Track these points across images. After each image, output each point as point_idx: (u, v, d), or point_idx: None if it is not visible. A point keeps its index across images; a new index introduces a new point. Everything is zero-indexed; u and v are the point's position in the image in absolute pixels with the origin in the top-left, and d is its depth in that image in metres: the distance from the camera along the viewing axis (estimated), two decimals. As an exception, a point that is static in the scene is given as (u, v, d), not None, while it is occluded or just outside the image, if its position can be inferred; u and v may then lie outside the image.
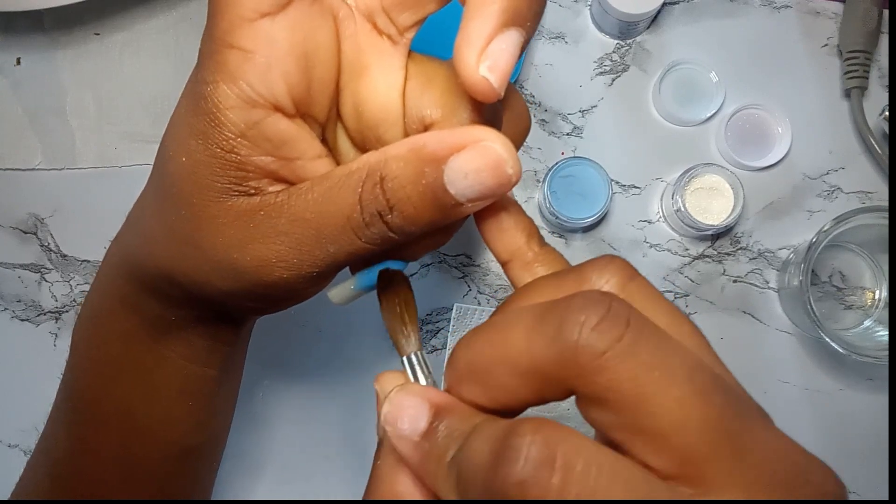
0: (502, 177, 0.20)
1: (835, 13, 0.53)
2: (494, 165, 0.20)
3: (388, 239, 0.22)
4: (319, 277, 0.23)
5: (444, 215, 0.21)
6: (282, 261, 0.22)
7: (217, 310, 0.27)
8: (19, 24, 0.53)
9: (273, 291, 0.24)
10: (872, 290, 0.52)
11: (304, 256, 0.22)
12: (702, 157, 0.52)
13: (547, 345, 0.17)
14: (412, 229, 0.22)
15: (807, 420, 0.52)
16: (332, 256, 0.22)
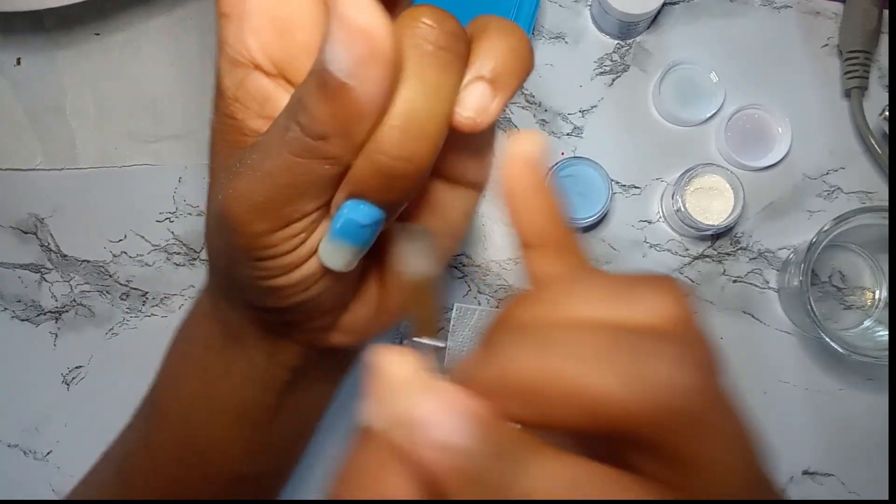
0: (362, 38, 0.19)
1: (835, 13, 0.53)
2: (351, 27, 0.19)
3: (308, 147, 0.21)
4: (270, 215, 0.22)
5: (337, 103, 0.20)
6: (236, 189, 0.22)
7: (268, 319, 0.26)
8: (19, 24, 0.53)
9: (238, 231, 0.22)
10: (872, 289, 0.52)
11: (248, 181, 0.22)
12: (702, 157, 0.52)
13: (627, 387, 0.16)
14: (318, 127, 0.20)
15: (807, 420, 0.52)
16: (268, 177, 0.21)
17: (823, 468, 0.51)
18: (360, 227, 0.22)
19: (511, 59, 0.22)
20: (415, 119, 0.20)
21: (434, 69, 0.20)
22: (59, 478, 0.52)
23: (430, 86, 0.20)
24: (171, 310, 0.53)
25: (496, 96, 0.21)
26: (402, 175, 0.21)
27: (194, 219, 0.53)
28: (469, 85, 0.21)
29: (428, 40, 0.20)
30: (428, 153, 0.21)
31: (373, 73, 0.19)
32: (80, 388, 0.53)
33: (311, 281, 0.24)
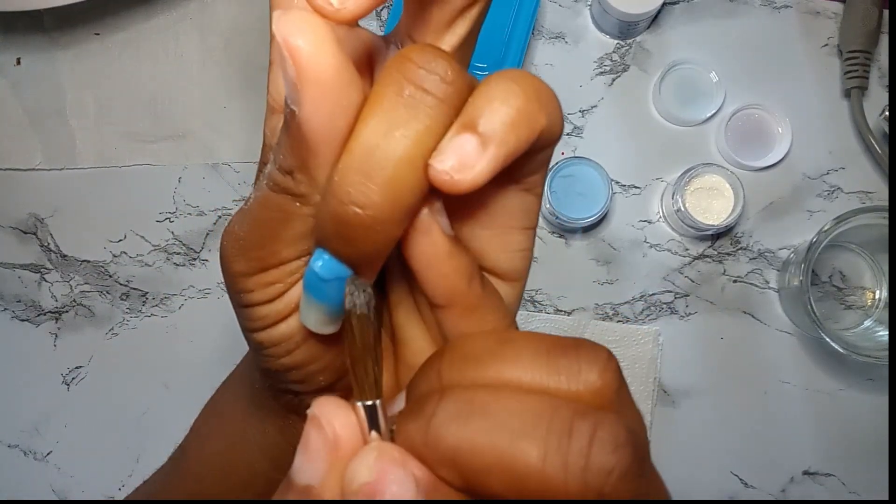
0: (292, 59, 0.17)
1: (835, 13, 0.53)
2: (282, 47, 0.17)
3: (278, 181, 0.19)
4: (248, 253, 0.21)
5: (291, 133, 0.18)
6: (228, 224, 0.21)
7: (276, 388, 0.25)
8: (19, 24, 0.53)
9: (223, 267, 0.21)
10: (872, 289, 0.52)
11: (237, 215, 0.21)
12: (702, 157, 0.52)
13: (555, 465, 0.16)
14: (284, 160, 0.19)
15: (807, 420, 0.52)
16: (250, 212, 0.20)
17: (823, 468, 0.51)
18: (321, 280, 0.19)
19: (510, 111, 0.18)
20: (371, 160, 0.17)
21: (407, 109, 0.18)
22: (59, 478, 0.52)
23: (397, 126, 0.17)
24: (170, 310, 0.53)
25: (485, 153, 0.18)
26: (356, 225, 0.18)
27: (194, 219, 0.53)
28: (455, 135, 0.18)
29: (408, 79, 0.18)
30: (388, 202, 0.18)
31: (309, 97, 0.17)
32: (80, 389, 0.53)
33: (292, 343, 0.22)
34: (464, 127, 0.18)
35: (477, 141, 0.18)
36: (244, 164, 0.53)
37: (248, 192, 0.22)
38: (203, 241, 0.53)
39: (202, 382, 0.52)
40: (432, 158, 0.18)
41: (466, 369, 0.18)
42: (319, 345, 0.22)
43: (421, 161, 0.18)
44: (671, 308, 0.52)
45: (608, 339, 0.51)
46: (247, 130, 0.54)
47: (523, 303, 0.52)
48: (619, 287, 0.52)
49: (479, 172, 0.18)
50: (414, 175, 0.18)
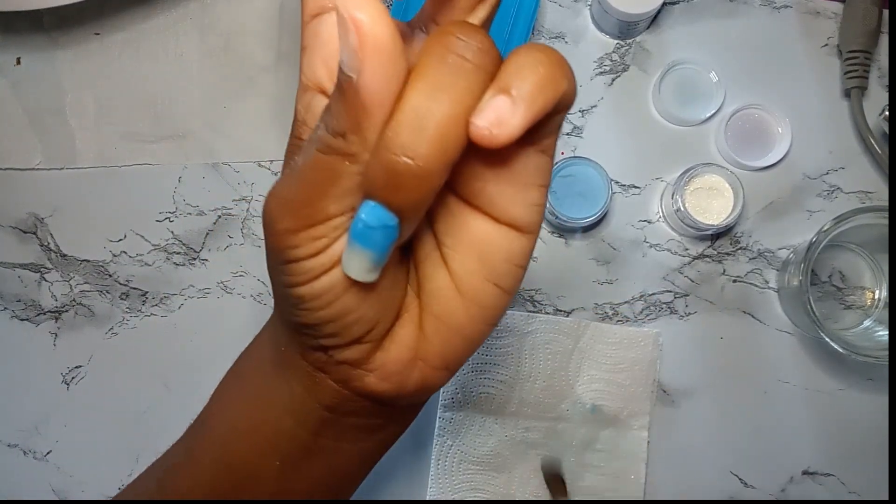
0: (355, 30, 0.20)
1: (835, 13, 0.53)
2: (345, 20, 0.20)
3: (330, 143, 0.22)
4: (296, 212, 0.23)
5: (347, 98, 0.21)
6: (273, 186, 0.23)
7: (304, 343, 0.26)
8: (19, 24, 0.53)
9: (268, 227, 0.23)
10: (872, 289, 0.52)
11: (283, 178, 0.23)
12: (702, 157, 0.52)
13: None
14: (336, 123, 0.21)
15: (807, 420, 0.52)
16: (299, 173, 0.22)
17: (823, 468, 0.51)
18: (370, 229, 0.22)
19: (538, 76, 0.21)
20: (421, 117, 0.20)
21: (450, 74, 0.20)
22: (59, 478, 0.52)
23: (443, 89, 0.20)
24: (170, 309, 0.53)
25: (517, 110, 0.21)
26: (407, 174, 0.20)
27: (194, 218, 0.53)
28: (490, 97, 0.21)
29: (451, 50, 0.21)
30: (435, 154, 0.20)
31: (369, 63, 0.20)
32: (80, 388, 0.53)
33: (333, 294, 0.24)
34: (499, 90, 0.21)
35: (510, 101, 0.21)
36: (244, 163, 0.53)
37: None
38: (203, 241, 0.53)
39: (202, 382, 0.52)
40: (473, 116, 0.21)
41: None
42: (357, 295, 0.24)
43: (463, 118, 0.21)
44: (671, 308, 0.52)
45: (608, 341, 0.51)
46: (247, 130, 0.54)
47: (522, 302, 0.52)
48: (618, 287, 0.52)
49: (514, 128, 0.21)
50: (457, 130, 0.21)
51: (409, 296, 0.26)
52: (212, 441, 0.30)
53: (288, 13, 0.54)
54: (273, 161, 0.53)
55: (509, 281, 0.25)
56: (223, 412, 0.31)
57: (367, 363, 0.26)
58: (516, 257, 0.25)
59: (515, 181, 0.24)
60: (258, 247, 0.53)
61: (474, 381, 0.51)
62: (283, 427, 0.28)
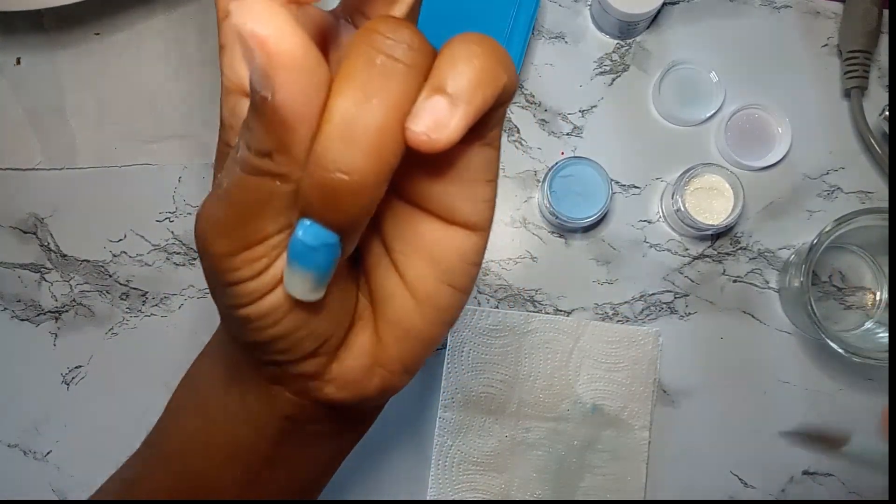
0: (257, 46, 0.18)
1: (835, 13, 0.53)
2: (245, 37, 0.18)
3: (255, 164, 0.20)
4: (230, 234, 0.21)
5: (266, 117, 0.19)
6: (202, 208, 0.22)
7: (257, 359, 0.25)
8: (19, 24, 0.53)
9: (203, 251, 0.22)
10: (873, 291, 0.52)
11: (211, 200, 0.21)
12: (702, 157, 0.52)
13: None
14: (258, 144, 0.20)
15: (807, 420, 0.52)
16: (226, 195, 0.21)
17: (823, 468, 0.51)
18: (308, 249, 0.20)
19: (475, 71, 0.20)
20: (352, 128, 0.19)
21: (380, 77, 0.19)
22: (59, 478, 0.52)
23: (373, 94, 0.19)
24: (170, 310, 0.53)
25: (455, 112, 0.19)
26: (343, 190, 0.19)
27: (193, 218, 0.53)
28: (425, 99, 0.19)
29: (378, 50, 0.19)
30: (371, 167, 0.19)
31: (283, 81, 0.18)
32: (80, 388, 0.53)
33: (279, 313, 0.22)
34: (434, 90, 0.19)
35: (447, 102, 0.19)
36: (244, 163, 0.53)
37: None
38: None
39: (202, 382, 0.52)
40: (408, 122, 0.19)
41: None
42: (304, 312, 0.23)
43: (398, 125, 0.19)
44: (671, 308, 0.52)
45: (608, 339, 0.51)
46: (247, 130, 0.54)
47: (523, 302, 0.52)
48: (618, 287, 0.52)
49: (453, 130, 0.19)
50: (393, 138, 0.19)
51: (362, 302, 0.25)
52: (167, 456, 0.30)
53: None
54: (273, 161, 0.53)
55: (464, 280, 0.24)
56: (179, 426, 0.30)
57: (323, 375, 0.25)
58: (469, 256, 0.23)
59: (462, 179, 0.22)
60: (258, 247, 0.53)
61: (474, 381, 0.51)
62: (241, 439, 0.27)
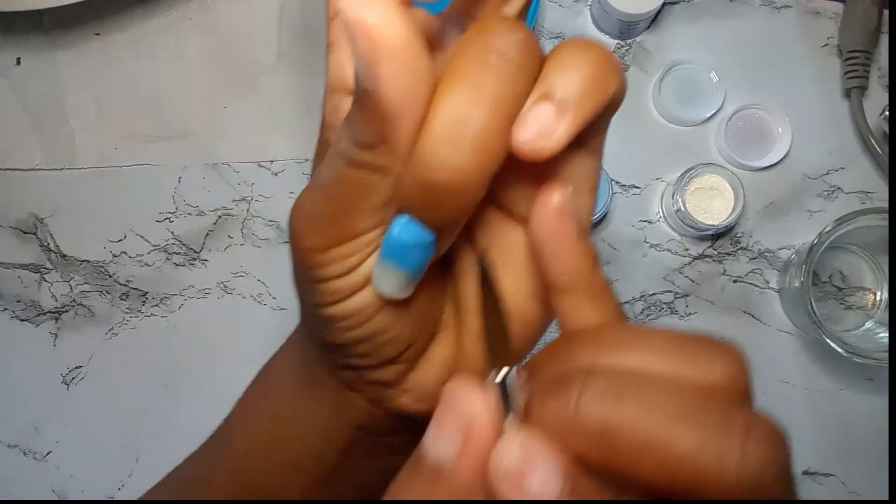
0: (362, 35, 0.17)
1: (835, 13, 0.53)
2: (350, 25, 0.18)
3: (355, 157, 0.20)
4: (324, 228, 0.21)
5: (368, 109, 0.19)
6: (298, 201, 0.21)
7: (335, 362, 0.25)
8: (19, 24, 0.53)
9: (294, 244, 0.22)
10: (874, 291, 0.52)
11: (307, 192, 0.21)
12: (702, 157, 0.52)
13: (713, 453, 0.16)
14: (360, 136, 0.19)
15: (807, 420, 0.52)
16: (323, 188, 0.20)
17: (823, 468, 0.51)
18: (404, 246, 0.20)
19: (584, 78, 0.19)
20: (460, 127, 0.18)
21: (492, 78, 0.18)
22: (59, 478, 0.52)
23: (485, 94, 0.18)
24: (170, 310, 0.53)
25: (564, 118, 0.18)
26: (445, 189, 0.18)
27: (194, 219, 0.53)
28: (533, 105, 0.19)
29: (490, 49, 0.18)
30: (476, 169, 0.18)
31: (386, 70, 0.18)
32: (80, 388, 0.53)
33: (365, 314, 0.22)
34: (542, 97, 0.19)
35: (555, 109, 0.18)
36: (244, 164, 0.53)
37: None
38: (203, 241, 0.53)
39: (202, 382, 0.52)
40: (514, 128, 0.18)
41: (603, 354, 0.18)
42: (390, 314, 0.22)
43: (506, 128, 0.18)
44: (671, 308, 0.52)
45: (608, 339, 0.51)
46: (247, 130, 0.54)
47: (523, 303, 0.52)
48: (619, 287, 0.52)
49: (559, 139, 0.18)
50: (499, 141, 0.18)
51: (448, 312, 0.25)
52: (233, 456, 0.29)
53: (288, 13, 0.54)
54: (273, 161, 0.53)
55: None
56: (245, 428, 0.29)
57: (401, 383, 0.24)
58: None
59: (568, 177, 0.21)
60: (258, 247, 0.53)
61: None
62: (309, 445, 0.27)
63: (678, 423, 0.16)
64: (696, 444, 0.16)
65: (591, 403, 0.17)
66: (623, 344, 0.18)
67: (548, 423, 0.17)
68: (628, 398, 0.16)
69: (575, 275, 0.20)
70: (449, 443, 0.18)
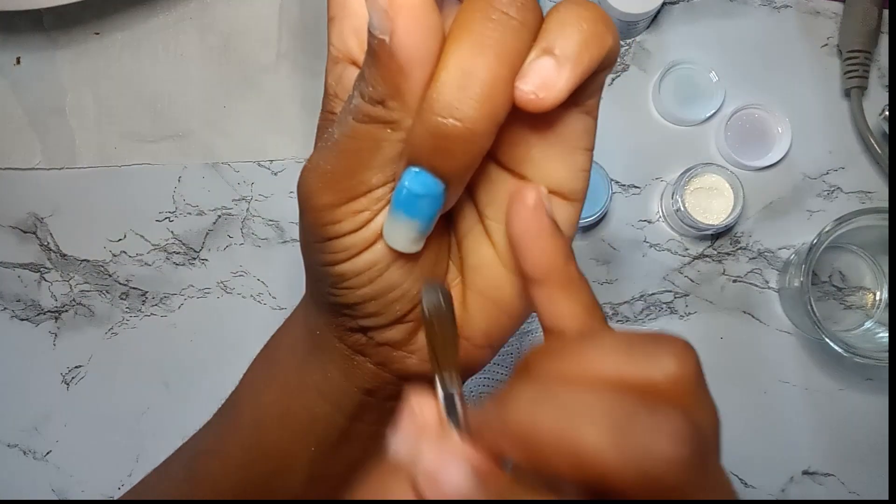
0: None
1: (835, 13, 0.53)
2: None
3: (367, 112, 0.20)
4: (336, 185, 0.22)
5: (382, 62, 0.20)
6: (309, 161, 0.22)
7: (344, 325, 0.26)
8: (19, 24, 0.53)
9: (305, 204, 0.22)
10: (873, 291, 0.52)
11: (318, 151, 0.22)
12: (702, 157, 0.52)
13: (617, 450, 0.17)
14: (373, 91, 0.20)
15: (807, 420, 0.52)
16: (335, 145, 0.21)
17: (823, 468, 0.51)
18: (415, 196, 0.21)
19: (582, 34, 0.20)
20: (469, 77, 0.19)
21: (496, 31, 0.19)
22: (59, 478, 0.52)
23: (490, 46, 0.19)
24: (170, 309, 0.53)
25: (563, 71, 0.20)
26: (455, 137, 0.19)
27: (194, 218, 0.53)
28: (534, 58, 0.20)
29: (494, 5, 0.19)
30: (484, 115, 0.19)
31: (403, 21, 0.19)
32: (80, 388, 0.53)
33: (376, 270, 0.23)
34: (543, 51, 0.20)
35: (555, 62, 0.20)
36: (244, 163, 0.53)
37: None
38: (203, 241, 0.53)
39: (202, 382, 0.52)
40: (518, 80, 0.20)
41: (553, 365, 0.20)
42: (400, 270, 0.23)
43: (510, 78, 0.20)
44: (671, 308, 0.52)
45: (608, 338, 0.51)
46: (247, 130, 0.54)
47: (523, 303, 0.52)
48: (618, 287, 0.52)
49: (560, 90, 0.20)
50: (505, 90, 0.20)
51: (452, 272, 0.26)
52: (242, 426, 0.30)
53: (288, 13, 0.54)
54: (273, 161, 0.53)
55: None
56: (254, 397, 0.30)
57: (408, 344, 0.25)
58: (563, 227, 0.24)
59: (560, 145, 0.23)
60: (258, 247, 0.53)
61: (474, 381, 0.51)
62: (318, 412, 0.28)
63: (583, 422, 0.17)
64: (597, 440, 0.17)
65: (515, 409, 0.18)
66: (570, 351, 0.20)
67: (484, 428, 0.19)
68: (546, 402, 0.18)
69: (549, 267, 0.22)
70: (404, 444, 0.20)
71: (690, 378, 0.19)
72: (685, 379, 0.19)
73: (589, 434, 0.17)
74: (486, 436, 0.19)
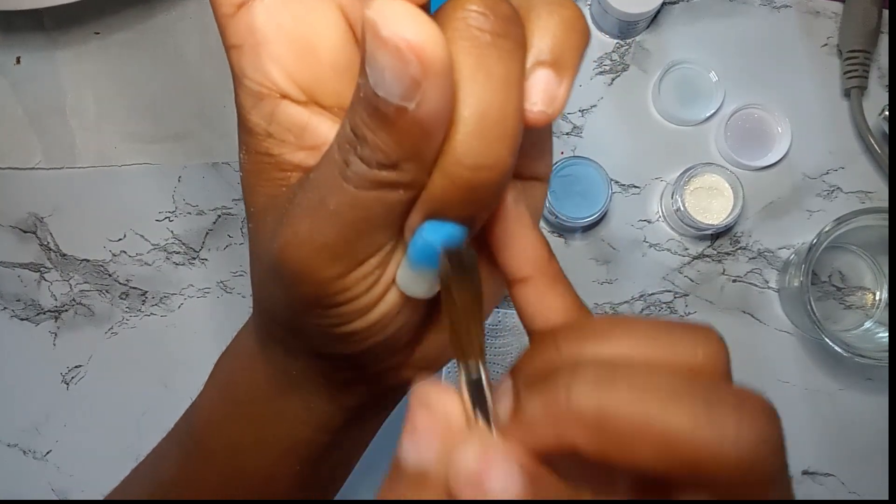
0: (411, 56, 0.16)
1: (835, 13, 0.53)
2: (394, 45, 0.16)
3: (375, 178, 0.18)
4: (342, 256, 0.20)
5: (399, 128, 0.17)
6: (296, 234, 0.20)
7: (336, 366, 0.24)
8: (19, 24, 0.53)
9: (304, 279, 0.20)
10: (873, 291, 0.52)
11: (310, 223, 0.20)
12: (701, 157, 0.52)
13: (709, 431, 0.16)
14: (383, 157, 0.18)
15: (807, 420, 0.52)
16: (334, 216, 0.19)
17: (823, 468, 0.51)
18: (435, 248, 0.19)
19: (568, 35, 0.19)
20: (490, 120, 0.18)
21: (497, 61, 0.18)
22: (59, 477, 0.52)
23: (498, 80, 0.18)
24: (170, 309, 0.53)
25: (562, 81, 0.19)
26: (485, 184, 0.18)
27: (194, 218, 0.53)
28: (532, 74, 0.19)
29: (483, 29, 0.18)
30: (509, 155, 0.18)
31: (431, 89, 0.17)
32: (80, 388, 0.53)
33: (389, 318, 0.22)
34: (539, 64, 0.19)
35: (554, 74, 0.19)
36: (244, 163, 0.53)
37: None
38: (203, 241, 0.53)
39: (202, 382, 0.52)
40: (526, 101, 0.19)
41: (587, 346, 0.18)
42: (411, 308, 0.22)
43: (520, 103, 0.18)
44: (670, 308, 0.52)
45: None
46: (246, 130, 0.54)
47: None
48: (618, 287, 0.52)
49: (563, 99, 0.19)
50: (519, 118, 0.18)
51: None
52: (215, 461, 0.29)
53: (288, 13, 0.54)
54: (273, 161, 0.53)
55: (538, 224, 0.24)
56: (223, 434, 0.29)
57: (407, 361, 0.24)
58: (539, 205, 0.24)
59: (535, 137, 0.22)
60: (258, 247, 0.53)
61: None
62: (300, 436, 0.27)
63: (671, 404, 0.16)
64: (692, 423, 0.16)
65: (583, 392, 0.17)
66: (605, 334, 0.19)
67: (540, 418, 0.17)
68: (619, 384, 0.16)
69: (533, 261, 0.21)
70: (428, 448, 0.18)
71: (726, 362, 0.18)
72: (724, 364, 0.18)
73: (678, 414, 0.16)
74: (537, 429, 0.17)
